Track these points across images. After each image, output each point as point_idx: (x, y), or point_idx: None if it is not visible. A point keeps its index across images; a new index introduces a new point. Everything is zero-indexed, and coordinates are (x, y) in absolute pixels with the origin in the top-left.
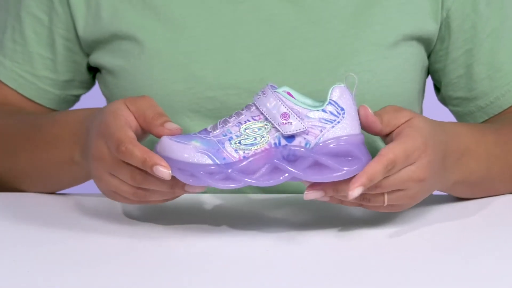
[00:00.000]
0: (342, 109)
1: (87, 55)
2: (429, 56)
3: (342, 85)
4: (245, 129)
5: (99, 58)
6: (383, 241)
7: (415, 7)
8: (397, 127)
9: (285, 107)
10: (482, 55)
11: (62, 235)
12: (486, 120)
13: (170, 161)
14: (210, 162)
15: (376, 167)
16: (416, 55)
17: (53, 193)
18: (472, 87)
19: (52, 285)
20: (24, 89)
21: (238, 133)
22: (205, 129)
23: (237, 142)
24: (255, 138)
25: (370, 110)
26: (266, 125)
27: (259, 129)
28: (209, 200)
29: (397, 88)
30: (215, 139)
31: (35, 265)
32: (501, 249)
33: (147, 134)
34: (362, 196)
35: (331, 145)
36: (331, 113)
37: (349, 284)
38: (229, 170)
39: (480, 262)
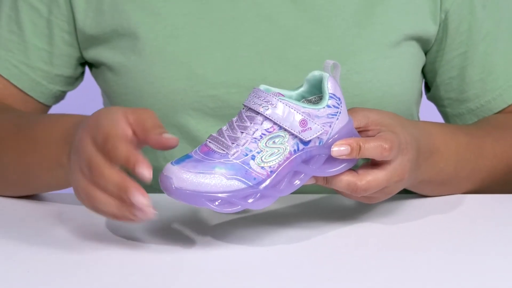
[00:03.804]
0: (339, 99)
1: (81, 49)
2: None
3: (328, 74)
4: (264, 144)
5: (99, 54)
6: (384, 242)
7: (415, 8)
8: (371, 126)
9: (300, 114)
10: (476, 57)
11: (61, 236)
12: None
13: (198, 194)
14: (244, 186)
15: (373, 140)
16: (416, 55)
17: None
18: (464, 89)
19: (52, 285)
20: (16, 80)
21: (258, 150)
22: (206, 147)
23: (261, 158)
24: (277, 150)
25: None
26: (283, 134)
27: (278, 141)
28: None
29: (399, 88)
30: (238, 161)
31: (35, 265)
32: (499, 247)
33: (141, 145)
34: None
35: (340, 137)
36: (334, 106)
37: (349, 284)
38: (262, 188)
39: (483, 260)
